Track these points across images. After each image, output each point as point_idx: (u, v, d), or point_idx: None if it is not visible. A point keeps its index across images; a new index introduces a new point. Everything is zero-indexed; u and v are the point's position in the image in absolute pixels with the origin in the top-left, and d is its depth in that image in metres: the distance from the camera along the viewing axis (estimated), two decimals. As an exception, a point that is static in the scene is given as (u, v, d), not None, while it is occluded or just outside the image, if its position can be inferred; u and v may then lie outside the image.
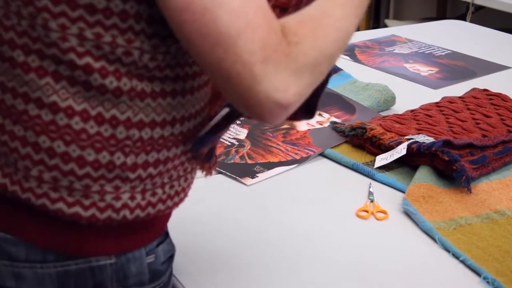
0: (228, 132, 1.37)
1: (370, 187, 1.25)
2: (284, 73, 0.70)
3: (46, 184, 0.77)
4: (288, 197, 1.23)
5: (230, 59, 0.69)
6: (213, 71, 0.71)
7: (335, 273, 1.02)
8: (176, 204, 0.86)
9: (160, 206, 0.83)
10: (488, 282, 0.99)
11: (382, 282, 1.01)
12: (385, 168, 1.30)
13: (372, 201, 1.21)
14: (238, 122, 1.42)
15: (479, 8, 3.09)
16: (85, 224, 0.79)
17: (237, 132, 1.43)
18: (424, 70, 1.94)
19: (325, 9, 0.76)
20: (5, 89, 0.76)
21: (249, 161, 1.32)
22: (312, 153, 1.35)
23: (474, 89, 1.56)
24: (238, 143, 1.39)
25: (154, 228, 0.86)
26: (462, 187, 1.21)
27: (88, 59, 0.74)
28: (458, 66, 1.98)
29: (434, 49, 2.13)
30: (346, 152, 1.37)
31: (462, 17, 2.98)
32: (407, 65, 1.97)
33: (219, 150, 1.34)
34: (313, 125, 1.46)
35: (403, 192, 1.22)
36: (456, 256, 1.06)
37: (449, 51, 2.11)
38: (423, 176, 1.24)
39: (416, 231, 1.13)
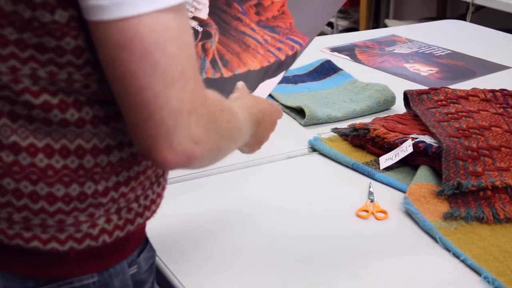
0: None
1: (370, 187, 1.24)
2: (202, 128, 0.71)
3: (18, 225, 0.75)
4: (287, 196, 1.23)
5: (158, 103, 0.68)
6: (132, 109, 0.70)
7: (335, 273, 1.02)
8: (154, 212, 0.85)
9: (139, 220, 0.82)
10: (488, 282, 0.99)
11: (383, 282, 1.01)
12: (385, 167, 1.30)
13: (372, 201, 1.20)
14: None
15: (479, 8, 3.09)
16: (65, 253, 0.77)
17: (195, 3, 1.10)
18: (424, 70, 1.94)
19: (237, 110, 0.82)
20: None
21: (225, 73, 1.05)
22: (298, 47, 1.07)
23: (474, 89, 1.55)
24: (201, 29, 1.08)
25: (134, 239, 0.85)
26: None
27: (45, 97, 0.72)
28: (458, 66, 1.98)
29: (434, 49, 2.13)
30: (346, 151, 1.37)
31: (462, 17, 2.98)
32: (407, 65, 1.96)
33: None
34: None
35: (403, 192, 1.22)
36: (456, 256, 1.05)
37: (449, 51, 2.11)
38: (424, 175, 1.24)
39: (416, 231, 1.13)
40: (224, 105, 0.78)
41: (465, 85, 1.72)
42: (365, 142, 1.37)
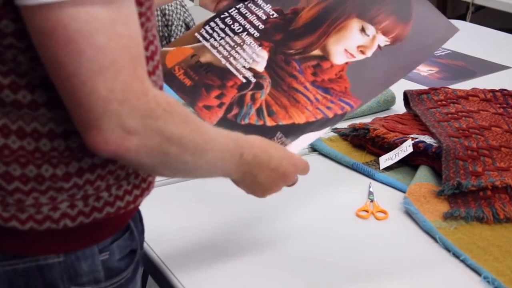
0: (243, 54, 1.12)
1: (370, 187, 1.24)
2: (137, 121, 0.72)
3: None
4: (287, 196, 1.23)
5: (85, 90, 0.69)
6: (63, 95, 0.71)
7: (335, 273, 1.02)
8: (132, 202, 0.85)
9: (109, 209, 0.82)
10: (488, 282, 0.99)
11: (383, 282, 1.01)
12: (385, 167, 1.30)
13: (372, 201, 1.20)
14: (257, 35, 1.14)
15: (479, 8, 3.09)
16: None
17: (254, 55, 1.12)
18: (424, 70, 1.94)
19: (208, 129, 0.82)
20: None
21: (269, 121, 1.05)
22: (348, 108, 1.05)
23: (474, 89, 1.55)
24: (255, 80, 1.09)
25: (108, 227, 0.85)
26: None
27: None
28: (458, 66, 1.98)
29: (434, 49, 2.12)
30: (346, 151, 1.37)
31: (462, 17, 2.98)
32: (407, 65, 1.96)
33: (230, 93, 1.08)
34: (352, 55, 1.10)
35: (403, 192, 1.22)
36: (456, 256, 1.05)
37: (449, 51, 2.10)
38: (424, 175, 1.24)
39: (416, 230, 1.13)
40: (173, 108, 0.76)
41: (465, 85, 1.72)
42: (365, 142, 1.37)
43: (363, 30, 1.12)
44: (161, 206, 0.97)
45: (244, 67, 1.10)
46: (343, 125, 1.44)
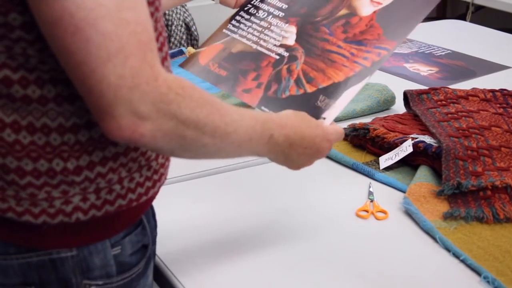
0: (272, 34, 1.11)
1: (370, 186, 1.24)
2: (149, 106, 0.72)
3: None
4: (287, 196, 1.23)
5: (95, 78, 0.70)
6: (75, 83, 0.72)
7: (335, 273, 1.02)
8: (144, 194, 0.85)
9: (121, 202, 0.83)
10: (488, 282, 0.99)
11: (383, 282, 1.01)
12: (385, 167, 1.30)
13: (372, 200, 1.20)
14: (282, 14, 1.14)
15: (479, 8, 3.09)
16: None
17: (283, 33, 1.11)
18: (424, 70, 1.94)
19: (230, 112, 0.81)
20: None
21: (309, 88, 1.03)
22: (385, 52, 1.03)
23: (474, 89, 1.56)
24: (288, 54, 1.08)
25: (121, 221, 0.85)
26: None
27: (5, 72, 0.74)
28: (458, 66, 1.98)
29: (434, 49, 2.13)
30: (346, 151, 1.37)
31: (462, 17, 2.98)
32: (407, 65, 1.96)
33: (266, 72, 1.08)
34: (379, 2, 1.09)
35: (403, 191, 1.22)
36: (456, 256, 1.05)
37: (449, 51, 2.11)
38: (424, 175, 1.24)
39: (416, 230, 1.13)
40: (187, 92, 0.76)
41: (465, 85, 1.72)
42: (365, 142, 1.37)
43: None
44: (161, 206, 0.97)
45: (275, 45, 1.10)
46: (343, 125, 1.44)
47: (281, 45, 1.10)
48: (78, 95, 0.75)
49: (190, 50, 1.78)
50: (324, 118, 0.99)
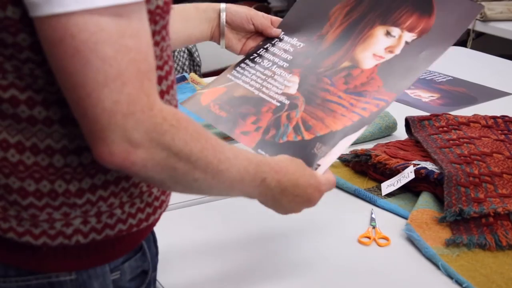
0: (275, 83, 1.13)
1: (372, 213, 1.24)
2: (142, 134, 0.72)
3: None
4: (289, 222, 1.22)
5: (90, 101, 0.70)
6: (71, 104, 0.72)
7: (337, 300, 1.01)
8: (145, 220, 0.85)
9: (121, 226, 0.83)
10: (491, 310, 0.98)
11: (385, 309, 1.00)
12: (387, 194, 1.30)
13: (374, 227, 1.20)
14: (286, 65, 1.17)
15: (479, 34, 3.11)
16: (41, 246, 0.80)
17: (285, 82, 1.13)
18: (425, 96, 1.94)
19: (224, 149, 0.81)
20: None
21: (306, 135, 1.05)
22: (384, 103, 1.05)
23: (475, 115, 1.56)
24: (289, 102, 1.10)
25: (121, 245, 0.85)
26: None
27: (13, 91, 0.74)
28: (459, 92, 1.99)
29: (435, 75, 2.14)
30: (348, 177, 1.37)
31: (463, 44, 3.00)
32: (408, 91, 1.97)
33: (266, 117, 1.09)
34: (381, 56, 1.11)
35: (405, 218, 1.22)
36: (459, 283, 1.05)
37: (450, 77, 2.11)
38: (426, 202, 1.24)
39: (419, 257, 1.12)
40: (182, 124, 0.76)
41: (467, 111, 1.73)
42: (367, 168, 1.37)
43: (388, 33, 1.13)
44: (163, 232, 0.97)
45: (276, 93, 1.12)
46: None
47: (283, 93, 1.12)
48: None
49: (193, 76, 1.79)
50: (319, 165, 1.00)
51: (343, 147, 1.03)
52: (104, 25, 0.69)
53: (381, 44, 1.12)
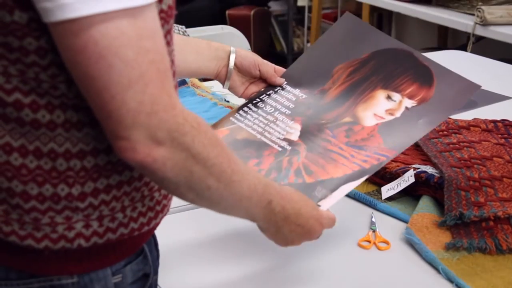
0: (277, 128, 1.17)
1: (372, 217, 1.24)
2: (165, 133, 0.74)
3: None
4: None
5: (115, 104, 0.71)
6: (94, 108, 0.73)
7: (337, 304, 1.01)
8: (146, 225, 0.85)
9: (122, 230, 0.83)
10: (492, 314, 0.98)
11: (385, 313, 1.00)
12: (387, 197, 1.30)
13: (374, 231, 1.20)
14: (288, 112, 1.21)
15: (479, 38, 3.11)
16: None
17: (287, 128, 1.17)
18: (426, 100, 1.94)
19: (237, 161, 0.82)
20: None
21: (307, 179, 1.08)
22: (384, 158, 1.10)
23: (475, 119, 1.56)
24: (290, 148, 1.13)
25: (122, 249, 0.85)
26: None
27: (17, 95, 0.75)
28: (459, 96, 1.98)
29: (435, 79, 2.13)
30: (348, 181, 1.37)
31: (463, 48, 3.00)
32: (408, 95, 1.96)
33: (268, 161, 1.12)
34: (382, 117, 1.16)
35: (405, 222, 1.22)
36: (459, 287, 1.05)
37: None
38: (426, 206, 1.24)
39: (419, 261, 1.12)
40: (202, 128, 0.78)
41: (467, 115, 1.73)
42: (367, 172, 1.37)
43: (389, 97, 1.19)
44: (164, 236, 0.97)
45: (278, 138, 1.15)
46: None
47: (285, 139, 1.15)
48: (86, 122, 0.76)
49: (193, 80, 1.79)
50: (319, 206, 1.02)
51: (344, 192, 1.06)
52: (123, 28, 0.70)
53: (382, 106, 1.18)
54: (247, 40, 2.38)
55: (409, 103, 1.17)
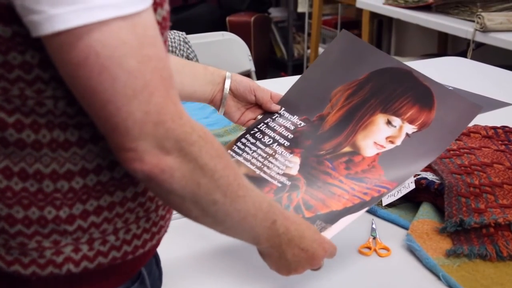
0: (276, 163, 1.15)
1: (372, 223, 1.24)
2: (172, 143, 0.71)
3: None
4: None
5: (121, 116, 0.69)
6: (99, 122, 0.71)
7: (338, 311, 1.01)
8: (141, 247, 0.82)
9: (115, 254, 0.79)
10: (492, 321, 0.98)
11: (386, 320, 1.00)
12: (387, 204, 1.30)
13: (374, 237, 1.20)
14: (287, 144, 1.19)
15: (479, 45, 3.11)
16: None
17: (286, 162, 1.15)
18: (426, 106, 1.94)
19: (242, 177, 0.80)
20: None
21: (307, 214, 1.07)
22: (385, 190, 1.08)
23: (475, 126, 1.56)
24: (290, 183, 1.12)
25: (115, 275, 0.81)
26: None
27: (1, 115, 0.71)
28: (459, 102, 1.98)
29: (435, 85, 2.13)
30: (348, 188, 1.37)
31: (463, 54, 3.00)
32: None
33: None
34: (382, 146, 1.14)
35: (406, 228, 1.22)
36: (460, 294, 1.05)
37: (450, 88, 2.11)
38: (427, 212, 1.24)
39: (419, 268, 1.12)
40: (209, 138, 0.75)
41: (467, 122, 1.73)
42: (367, 178, 1.37)
43: (389, 122, 1.16)
44: (164, 242, 0.96)
45: (278, 173, 1.13)
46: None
47: (284, 174, 1.13)
48: (73, 142, 0.74)
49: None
50: None
51: (344, 224, 1.04)
52: (124, 37, 0.67)
53: (382, 134, 1.15)
54: (247, 46, 2.38)
55: (409, 128, 1.15)
